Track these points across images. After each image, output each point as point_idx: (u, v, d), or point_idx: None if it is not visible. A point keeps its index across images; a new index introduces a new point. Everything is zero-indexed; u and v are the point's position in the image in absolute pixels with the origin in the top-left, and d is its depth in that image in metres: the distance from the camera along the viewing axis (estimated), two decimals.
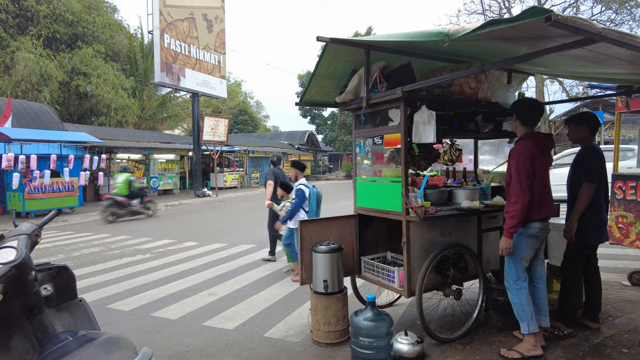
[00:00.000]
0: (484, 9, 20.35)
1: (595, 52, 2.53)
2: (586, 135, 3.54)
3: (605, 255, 6.00)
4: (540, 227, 3.11)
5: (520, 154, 3.04)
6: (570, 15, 1.93)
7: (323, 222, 3.78)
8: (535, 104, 3.35)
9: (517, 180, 3.00)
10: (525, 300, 3.08)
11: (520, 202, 2.96)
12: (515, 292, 3.11)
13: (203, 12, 21.20)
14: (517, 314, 3.11)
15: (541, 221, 3.11)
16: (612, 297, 4.31)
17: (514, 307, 3.13)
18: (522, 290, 3.09)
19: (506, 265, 3.20)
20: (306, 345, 3.50)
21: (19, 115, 15.20)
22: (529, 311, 3.07)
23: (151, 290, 5.30)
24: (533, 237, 3.11)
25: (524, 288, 3.10)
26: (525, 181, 2.98)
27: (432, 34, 2.52)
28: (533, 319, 3.07)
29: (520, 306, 3.08)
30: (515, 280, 3.12)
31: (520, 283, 3.11)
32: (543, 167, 3.11)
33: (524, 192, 2.97)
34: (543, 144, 3.16)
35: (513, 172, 3.05)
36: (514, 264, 3.13)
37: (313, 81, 3.87)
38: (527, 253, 3.12)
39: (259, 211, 14.11)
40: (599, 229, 3.44)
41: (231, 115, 37.62)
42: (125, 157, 19.57)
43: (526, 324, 3.06)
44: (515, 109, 3.30)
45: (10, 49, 21.15)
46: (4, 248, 1.61)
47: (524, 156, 3.02)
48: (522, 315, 3.08)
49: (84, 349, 1.42)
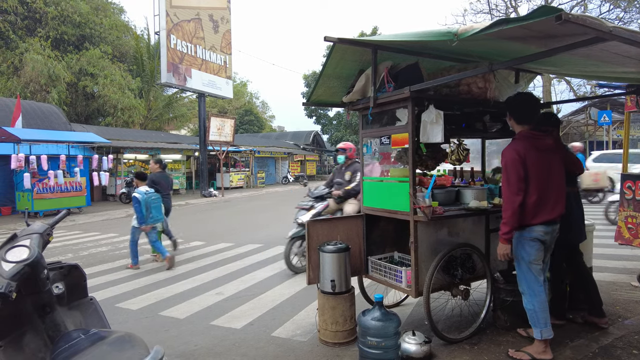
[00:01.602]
0: (490, 9, 20.24)
1: (605, 51, 2.52)
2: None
3: (615, 256, 5.95)
4: (545, 231, 2.95)
5: (509, 157, 2.93)
6: (581, 14, 1.92)
7: (330, 221, 3.79)
8: (529, 97, 3.19)
9: (506, 184, 2.92)
10: (539, 307, 2.94)
11: (510, 208, 2.87)
12: (530, 299, 2.98)
13: (209, 13, 21.29)
14: (531, 319, 3.01)
15: (545, 225, 2.94)
16: (622, 298, 4.27)
17: (528, 313, 3.02)
18: (537, 297, 2.95)
19: (517, 272, 3.11)
20: (314, 345, 3.50)
21: (27, 116, 15.37)
22: (542, 318, 2.95)
23: (159, 289, 5.34)
24: (538, 240, 2.96)
25: (538, 295, 2.95)
26: (514, 184, 2.87)
27: (440, 34, 2.51)
28: (547, 326, 2.95)
29: (534, 313, 2.97)
30: (529, 286, 3.00)
31: (536, 288, 2.96)
32: (543, 168, 2.94)
33: (513, 196, 2.86)
34: (541, 143, 3.00)
35: (502, 174, 2.97)
36: (524, 269, 3.02)
37: (320, 81, 3.87)
38: (535, 257, 2.97)
39: (265, 211, 14.14)
40: (571, 228, 3.41)
41: (237, 115, 37.74)
42: (132, 157, 19.69)
43: (539, 330, 2.96)
44: (507, 107, 3.18)
45: (19, 51, 21.39)
46: (17, 247, 1.63)
47: (512, 159, 2.89)
48: (535, 321, 2.98)
49: (97, 346, 1.43)
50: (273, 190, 24.14)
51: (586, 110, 22.70)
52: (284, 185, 29.53)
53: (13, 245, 1.66)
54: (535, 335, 3.01)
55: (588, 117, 22.79)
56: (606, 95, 5.72)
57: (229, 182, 24.66)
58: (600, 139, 22.88)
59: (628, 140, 5.11)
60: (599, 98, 11.93)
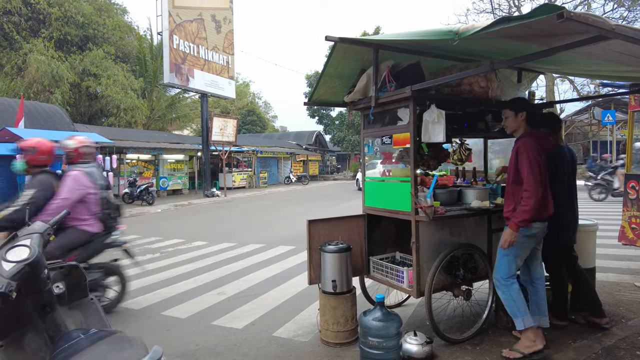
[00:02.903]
0: (493, 8, 20.19)
1: (608, 50, 2.50)
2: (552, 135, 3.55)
3: (618, 256, 5.92)
4: (540, 227, 3.06)
5: (530, 149, 2.98)
6: (583, 12, 1.90)
7: (331, 221, 3.78)
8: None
9: (531, 175, 2.94)
10: (516, 295, 3.02)
11: (534, 197, 2.90)
12: (506, 289, 3.05)
13: (212, 13, 21.31)
14: (510, 310, 3.05)
15: (542, 221, 3.06)
16: (626, 298, 4.24)
17: (505, 303, 3.07)
18: (513, 287, 3.03)
19: (499, 261, 3.13)
20: (315, 345, 3.50)
21: (31, 117, 15.44)
22: (522, 305, 3.00)
23: (161, 289, 5.34)
24: (532, 237, 3.06)
25: (514, 284, 3.04)
26: (538, 175, 2.93)
27: (441, 33, 2.50)
28: (527, 313, 3.01)
29: (512, 302, 3.02)
30: (506, 278, 3.06)
31: (511, 279, 3.06)
32: (545, 167, 3.05)
33: (537, 186, 2.91)
34: (545, 143, 3.13)
35: (525, 167, 2.97)
36: (508, 261, 3.06)
37: (322, 81, 3.86)
38: (524, 252, 3.08)
39: (267, 211, 14.15)
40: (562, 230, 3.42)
41: (239, 115, 37.78)
42: (134, 157, 19.74)
43: (520, 320, 2.99)
44: (527, 108, 3.19)
45: (22, 51, 21.49)
46: (18, 246, 1.63)
47: (535, 150, 2.98)
48: (516, 310, 3.01)
49: (96, 346, 1.43)
50: (275, 191, 24.15)
51: (590, 110, 22.62)
52: (286, 185, 29.54)
53: (13, 244, 1.66)
54: (518, 326, 3.01)
55: (592, 117, 22.71)
56: (610, 94, 5.67)
57: (232, 182, 24.69)
58: (604, 138, 22.79)
59: (632, 140, 5.08)
60: (603, 97, 11.87)
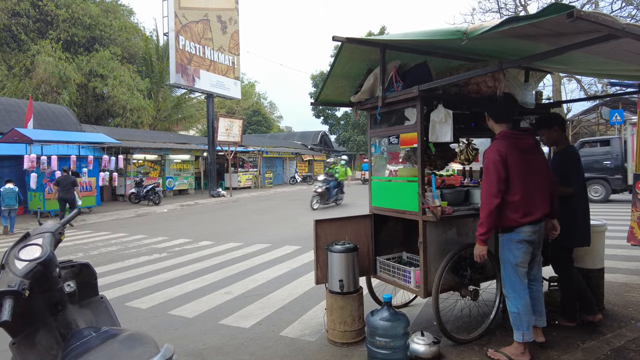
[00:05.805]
0: (499, 7, 20.08)
1: (618, 49, 2.48)
2: (560, 136, 3.53)
3: (627, 257, 5.87)
4: (533, 230, 2.93)
5: (490, 157, 2.90)
6: (593, 11, 1.89)
7: (338, 221, 3.78)
8: (505, 95, 3.17)
9: (486, 184, 2.88)
10: (523, 310, 2.91)
11: (487, 209, 2.83)
12: (514, 302, 2.95)
13: (217, 14, 21.39)
14: (514, 322, 2.97)
15: (532, 224, 2.92)
16: (635, 299, 4.21)
17: (511, 315, 2.99)
18: (521, 300, 2.93)
19: (503, 273, 3.08)
20: (322, 345, 3.50)
21: (39, 117, 15.60)
22: (526, 321, 2.92)
23: (168, 288, 5.37)
24: (525, 242, 2.93)
25: (523, 297, 2.93)
26: (494, 185, 2.84)
27: (449, 32, 2.50)
28: (529, 330, 2.92)
29: (518, 316, 2.93)
30: (514, 289, 2.97)
31: (520, 291, 2.95)
32: (525, 167, 2.92)
33: (491, 197, 2.83)
34: (521, 143, 2.98)
35: (483, 175, 2.93)
36: (510, 272, 2.99)
37: (328, 81, 3.87)
38: (521, 259, 2.95)
39: (273, 211, 14.17)
40: (577, 232, 3.42)
41: (245, 115, 37.89)
42: (141, 158, 19.86)
43: (521, 334, 2.92)
44: (484, 106, 3.15)
45: (30, 53, 21.71)
46: (30, 245, 1.65)
47: (494, 159, 2.86)
48: (518, 324, 2.94)
49: (108, 344, 1.44)
50: (281, 190, 24.18)
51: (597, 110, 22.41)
52: (291, 185, 29.57)
53: (26, 243, 1.67)
54: (517, 338, 2.96)
55: (599, 117, 22.50)
56: (618, 94, 5.63)
57: (237, 182, 24.77)
58: None
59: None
60: (611, 97, 11.75)
